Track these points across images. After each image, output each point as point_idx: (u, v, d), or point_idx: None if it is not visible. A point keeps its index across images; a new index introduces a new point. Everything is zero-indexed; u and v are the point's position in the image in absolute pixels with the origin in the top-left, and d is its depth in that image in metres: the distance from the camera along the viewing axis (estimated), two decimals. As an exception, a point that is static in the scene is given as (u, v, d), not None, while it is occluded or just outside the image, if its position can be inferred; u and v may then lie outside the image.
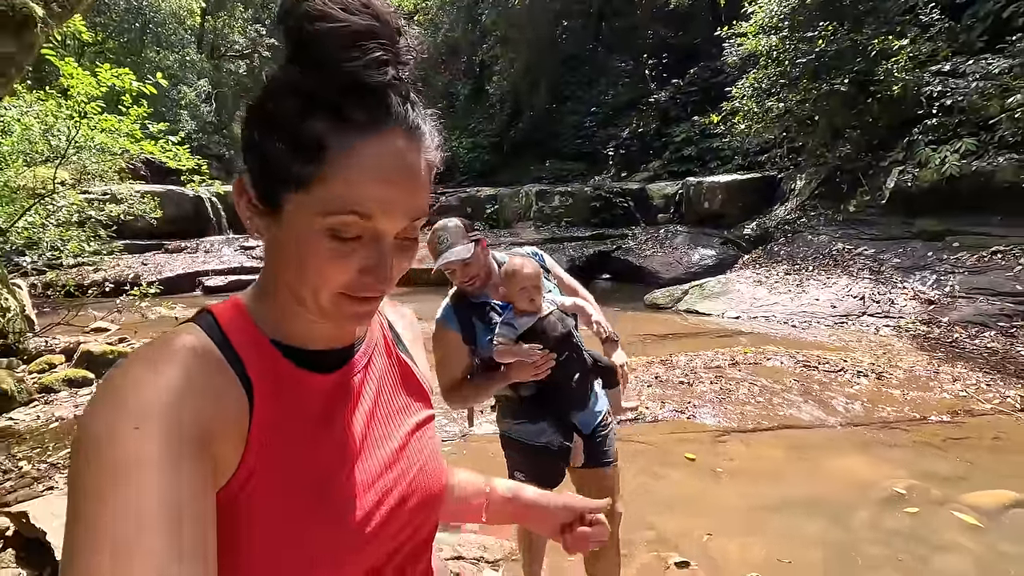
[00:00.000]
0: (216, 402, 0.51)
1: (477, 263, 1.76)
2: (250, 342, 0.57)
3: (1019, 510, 2.85)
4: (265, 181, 0.53)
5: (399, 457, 0.67)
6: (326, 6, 0.48)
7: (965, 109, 7.04)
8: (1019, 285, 5.79)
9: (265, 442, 0.54)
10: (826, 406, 4.16)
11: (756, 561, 2.47)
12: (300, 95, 0.50)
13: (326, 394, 0.61)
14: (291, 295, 0.58)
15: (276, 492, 0.54)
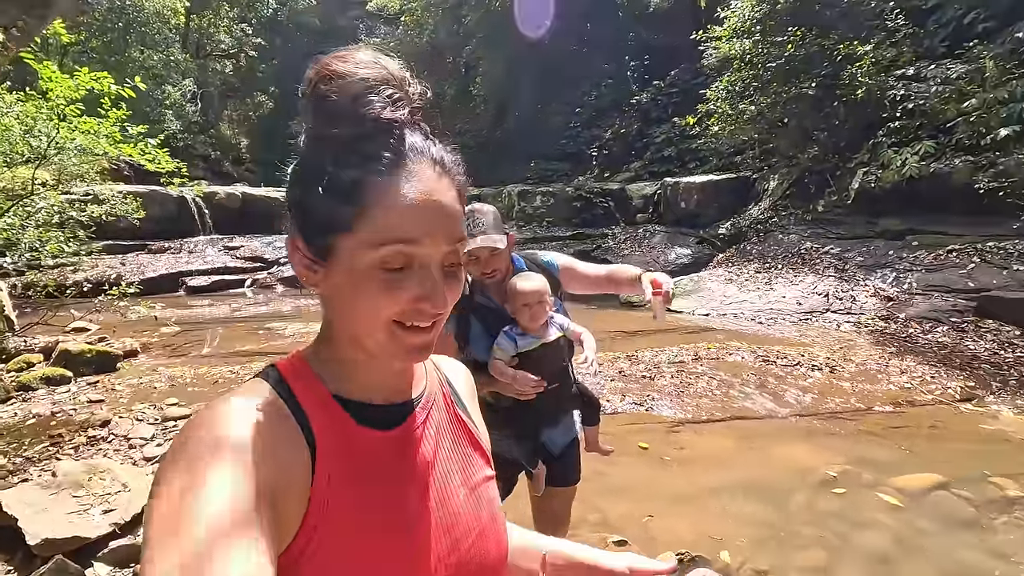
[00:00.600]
0: (282, 461, 0.52)
1: (504, 256, 1.72)
2: (314, 397, 0.59)
3: (941, 492, 3.05)
4: (314, 233, 0.56)
5: (457, 520, 0.66)
6: (340, 66, 0.54)
7: (926, 113, 7.29)
8: (971, 282, 6.04)
9: (326, 501, 0.54)
10: (779, 398, 4.36)
11: (689, 539, 2.65)
12: (331, 147, 0.54)
13: (387, 451, 0.62)
14: (350, 342, 0.60)
15: (336, 557, 0.54)
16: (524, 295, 1.68)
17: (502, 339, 1.70)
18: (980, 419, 3.96)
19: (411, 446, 0.64)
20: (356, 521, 0.56)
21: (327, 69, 0.54)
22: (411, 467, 0.63)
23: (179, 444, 0.50)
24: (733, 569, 2.45)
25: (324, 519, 0.54)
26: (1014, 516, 2.83)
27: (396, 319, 0.56)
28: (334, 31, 25.94)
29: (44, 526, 2.47)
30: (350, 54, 0.55)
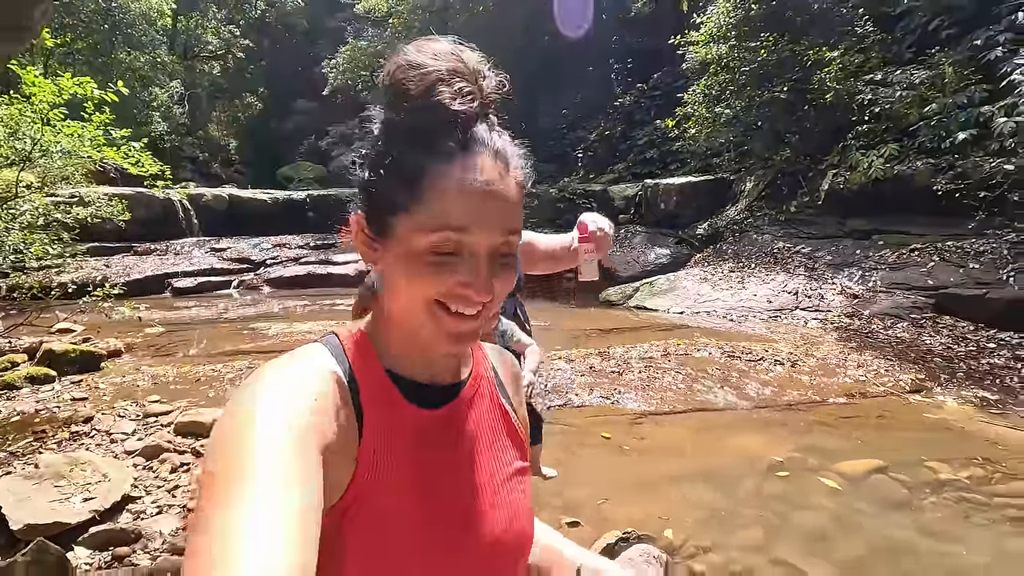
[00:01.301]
0: (334, 424, 0.54)
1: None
2: (367, 369, 0.62)
3: (880, 475, 3.26)
4: (376, 213, 0.60)
5: (494, 503, 0.68)
6: (416, 57, 0.57)
7: (891, 116, 7.55)
8: (931, 280, 6.29)
9: (370, 471, 0.57)
10: (740, 391, 4.56)
11: (639, 520, 2.83)
12: (399, 133, 0.58)
13: (430, 429, 0.64)
14: (400, 319, 0.62)
15: (375, 527, 0.56)
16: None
17: None
18: (926, 409, 4.18)
19: (454, 426, 0.66)
20: (396, 495, 0.58)
21: (404, 59, 0.57)
22: (452, 447, 0.66)
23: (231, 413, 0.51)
24: (676, 546, 2.63)
25: (369, 489, 0.56)
26: (943, 497, 3.04)
27: (439, 299, 0.58)
28: (322, 33, 26.03)
29: (27, 513, 2.61)
30: (428, 44, 0.58)
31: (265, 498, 0.44)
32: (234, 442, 0.48)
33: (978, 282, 5.95)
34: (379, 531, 0.56)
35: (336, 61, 19.96)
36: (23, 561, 2.17)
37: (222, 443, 0.49)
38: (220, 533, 0.43)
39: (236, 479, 0.45)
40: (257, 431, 0.48)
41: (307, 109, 24.61)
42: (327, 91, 20.18)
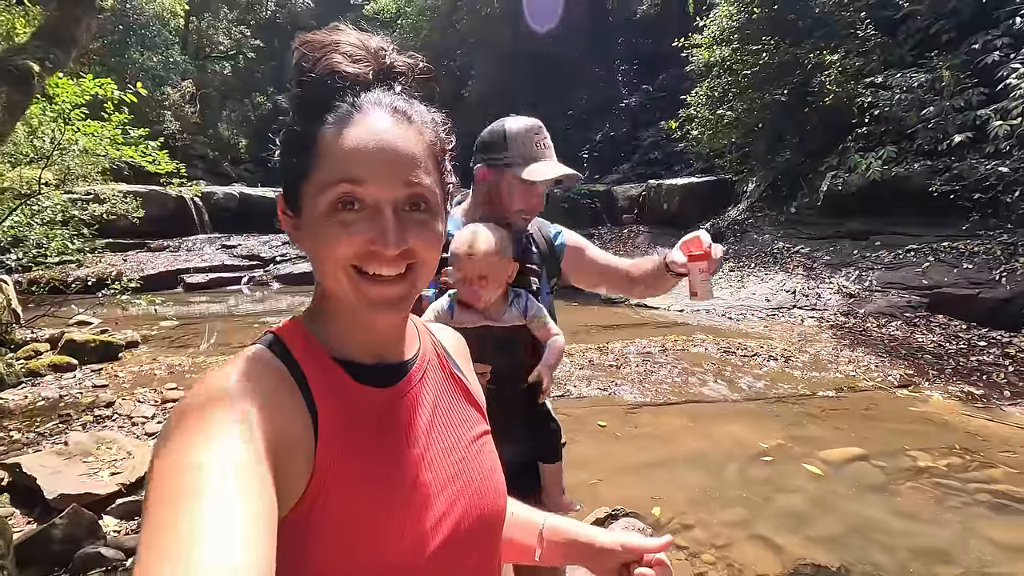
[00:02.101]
0: (285, 423, 0.53)
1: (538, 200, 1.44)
2: (314, 360, 0.60)
3: (860, 463, 3.42)
4: (287, 188, 0.61)
5: (462, 469, 0.67)
6: (314, 35, 0.60)
7: (890, 119, 7.67)
8: (926, 280, 6.41)
9: (331, 461, 0.55)
10: (733, 384, 4.72)
11: (631, 499, 3.00)
12: (300, 104, 0.60)
13: (386, 408, 0.63)
14: (332, 298, 0.62)
15: (345, 515, 0.55)
16: (459, 258, 1.27)
17: (442, 300, 1.34)
18: (912, 403, 4.32)
19: (410, 402, 0.66)
20: (362, 479, 0.57)
21: (303, 39, 0.60)
22: (412, 422, 0.65)
23: (178, 415, 0.50)
24: (662, 523, 2.81)
25: (331, 480, 0.55)
26: (919, 482, 3.20)
27: (354, 263, 0.57)
28: (331, 34, 26.27)
29: (59, 484, 2.82)
30: (325, 29, 0.61)
31: (216, 505, 0.43)
32: (178, 455, 0.46)
33: (971, 282, 6.08)
34: (349, 525, 0.55)
35: (345, 62, 20.19)
36: (61, 523, 2.38)
37: (166, 457, 0.46)
38: (173, 543, 0.41)
39: (184, 491, 0.44)
40: (201, 441, 0.47)
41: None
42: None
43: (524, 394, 1.36)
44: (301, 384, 0.57)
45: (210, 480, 0.45)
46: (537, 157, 1.35)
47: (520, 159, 1.35)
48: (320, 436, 0.55)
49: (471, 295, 1.27)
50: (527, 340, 1.35)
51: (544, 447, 1.43)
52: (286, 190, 0.62)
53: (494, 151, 1.37)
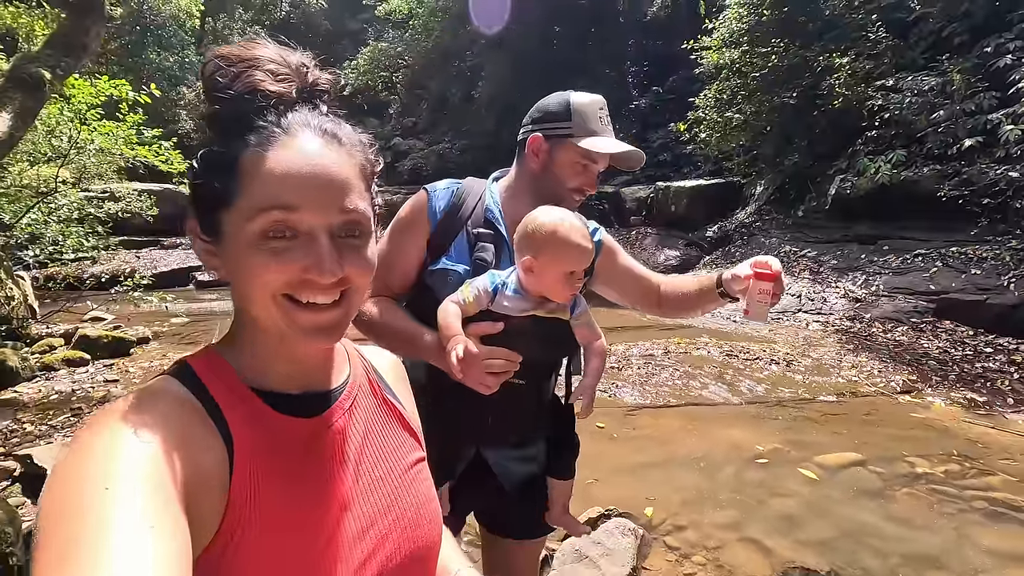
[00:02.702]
0: (194, 457, 0.49)
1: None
2: (230, 391, 0.56)
3: (856, 468, 3.42)
4: (204, 213, 0.57)
5: (395, 500, 0.65)
6: (227, 50, 0.56)
7: (900, 122, 7.61)
8: (933, 285, 6.36)
9: (249, 497, 0.52)
10: (733, 388, 4.73)
11: (625, 499, 3.03)
12: (217, 124, 0.56)
13: (312, 440, 0.60)
14: (257, 326, 0.58)
15: (265, 552, 0.52)
16: (584, 256, 1.10)
17: (483, 280, 1.14)
18: (913, 408, 4.31)
19: (338, 431, 0.63)
20: (284, 514, 0.54)
21: (215, 54, 0.56)
22: (340, 453, 0.62)
23: (78, 447, 0.46)
24: (654, 523, 2.84)
25: (248, 515, 0.52)
26: (915, 488, 3.19)
27: (286, 292, 0.55)
28: (344, 34, 26.54)
29: (69, 475, 2.91)
30: (242, 42, 0.57)
31: (124, 546, 0.39)
32: (78, 496, 0.42)
33: (979, 287, 6.02)
34: (270, 558, 0.52)
35: (357, 62, 20.39)
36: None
37: (64, 498, 0.42)
38: None
39: (86, 536, 0.40)
40: (103, 476, 0.43)
41: (328, 109, 25.09)
42: (347, 91, 20.59)
43: (552, 398, 1.27)
44: (215, 416, 0.54)
45: (117, 518, 0.41)
46: (600, 132, 1.25)
47: (583, 132, 1.24)
48: (235, 471, 0.52)
49: (571, 291, 1.12)
50: (568, 336, 1.20)
51: (562, 460, 1.33)
52: (202, 214, 0.57)
53: (555, 120, 1.26)
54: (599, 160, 1.28)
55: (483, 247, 1.20)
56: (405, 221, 1.26)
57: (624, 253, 1.45)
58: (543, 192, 1.27)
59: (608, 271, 1.40)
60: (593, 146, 1.23)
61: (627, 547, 2.46)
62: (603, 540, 2.44)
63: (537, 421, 1.28)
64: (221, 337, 0.64)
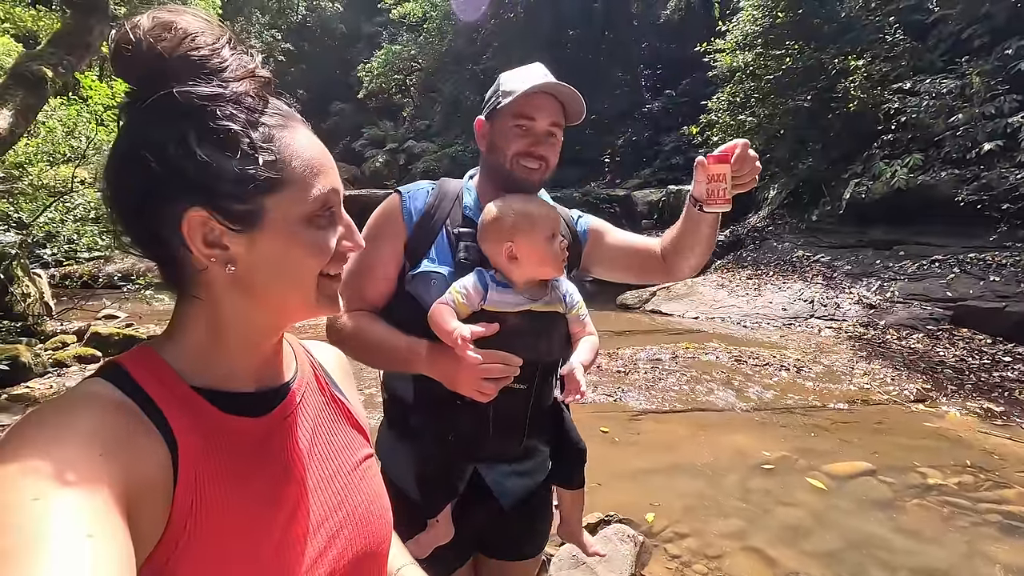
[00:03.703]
0: (132, 462, 0.47)
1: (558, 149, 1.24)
2: (170, 391, 0.54)
3: (866, 477, 3.34)
4: (232, 200, 0.52)
5: (344, 497, 0.64)
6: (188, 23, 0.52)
7: (917, 126, 7.47)
8: (950, 292, 6.23)
9: (194, 502, 0.51)
10: (741, 394, 4.65)
11: (626, 505, 2.99)
12: (233, 107, 0.52)
13: (259, 438, 0.59)
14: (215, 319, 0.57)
15: (210, 558, 0.51)
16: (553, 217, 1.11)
17: (469, 279, 1.10)
18: (926, 418, 4.20)
19: (287, 430, 0.62)
20: (232, 516, 0.53)
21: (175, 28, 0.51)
22: (289, 452, 0.61)
23: (8, 453, 0.43)
24: (656, 531, 2.79)
25: (194, 519, 0.50)
26: (927, 500, 3.11)
27: (325, 270, 0.58)
28: (359, 37, 26.78)
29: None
30: (178, 12, 0.53)
31: (59, 560, 0.37)
32: (9, 509, 0.39)
33: (998, 295, 5.88)
34: (218, 562, 0.51)
35: (371, 65, 20.53)
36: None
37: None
38: None
39: (19, 549, 0.38)
40: (33, 490, 0.40)
41: (342, 111, 25.32)
42: (362, 94, 20.77)
43: (553, 403, 1.18)
44: (155, 419, 0.51)
45: (52, 528, 0.39)
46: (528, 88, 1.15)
47: (512, 94, 1.16)
48: (180, 477, 0.50)
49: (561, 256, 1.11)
50: (562, 330, 1.16)
51: (570, 467, 1.24)
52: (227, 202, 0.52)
53: (490, 100, 1.22)
54: (533, 115, 1.17)
55: (466, 247, 1.15)
56: (379, 226, 1.19)
57: (615, 230, 1.39)
58: (495, 172, 1.22)
59: (602, 252, 1.35)
60: (512, 92, 1.16)
61: (626, 554, 2.41)
62: (601, 546, 2.39)
63: (540, 429, 1.19)
64: (154, 336, 0.60)
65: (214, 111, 0.51)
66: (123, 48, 0.51)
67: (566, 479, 1.26)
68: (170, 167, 0.50)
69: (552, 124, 1.19)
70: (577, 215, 1.37)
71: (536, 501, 1.28)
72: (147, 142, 0.50)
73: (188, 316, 0.58)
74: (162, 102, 0.50)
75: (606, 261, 1.36)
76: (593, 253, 1.35)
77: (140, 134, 0.52)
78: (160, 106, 0.50)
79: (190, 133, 0.51)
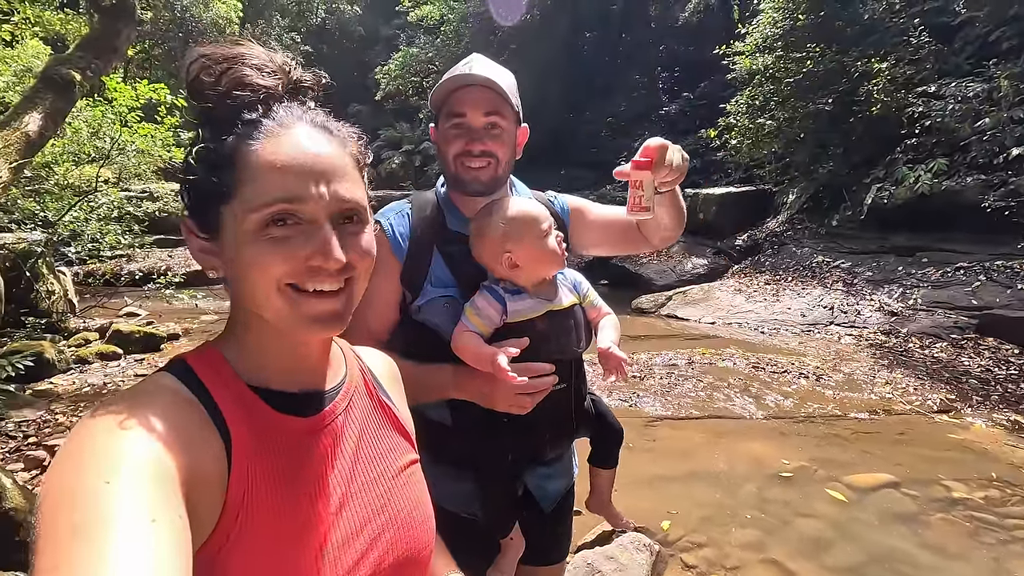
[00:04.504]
0: (193, 454, 0.49)
1: (509, 141, 1.16)
2: (227, 388, 0.56)
3: (888, 490, 3.27)
4: (201, 210, 0.57)
5: (388, 500, 0.65)
6: (213, 49, 0.57)
7: (943, 130, 7.32)
8: (975, 300, 6.08)
9: (245, 495, 0.53)
10: (759, 401, 4.59)
11: (642, 512, 2.95)
12: (209, 120, 0.56)
13: (308, 438, 0.60)
14: (255, 321, 0.58)
15: (260, 549, 0.52)
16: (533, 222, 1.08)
17: (482, 298, 1.07)
18: (951, 429, 4.10)
19: (334, 432, 0.63)
20: (279, 513, 0.54)
21: (199, 52, 0.56)
22: (335, 453, 0.62)
23: (79, 439, 0.46)
24: (671, 539, 2.76)
25: (245, 512, 0.52)
26: (952, 514, 3.03)
27: (291, 281, 0.55)
28: (377, 40, 27.01)
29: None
30: (224, 41, 0.58)
31: (126, 541, 0.40)
32: (81, 487, 0.42)
33: (1026, 304, 5.73)
34: (264, 556, 0.53)
35: (388, 67, 20.67)
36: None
37: (65, 489, 0.42)
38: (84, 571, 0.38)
39: (88, 526, 0.40)
40: (105, 473, 0.43)
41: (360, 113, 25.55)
42: (379, 96, 20.92)
43: (584, 399, 1.20)
44: (214, 415, 0.54)
45: (119, 510, 0.41)
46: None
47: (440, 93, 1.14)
48: (233, 469, 0.53)
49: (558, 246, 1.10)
50: (583, 321, 1.16)
51: (608, 449, 1.30)
52: (199, 212, 0.57)
53: (432, 107, 1.20)
54: (464, 110, 1.11)
55: (463, 263, 1.13)
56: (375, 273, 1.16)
57: (595, 205, 1.38)
58: (448, 177, 1.20)
59: (586, 229, 1.34)
60: (433, 93, 1.13)
61: (641, 563, 2.38)
62: (616, 555, 2.37)
63: (586, 420, 1.22)
64: (218, 335, 0.63)
65: (195, 129, 0.56)
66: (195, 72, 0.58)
67: (605, 460, 1.31)
68: (179, 181, 0.58)
69: (489, 115, 1.11)
70: (552, 195, 1.36)
71: (566, 504, 1.33)
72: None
73: (232, 316, 0.62)
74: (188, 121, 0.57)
75: (591, 238, 1.36)
76: (577, 232, 1.34)
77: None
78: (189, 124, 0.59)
79: (190, 151, 0.57)
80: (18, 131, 3.18)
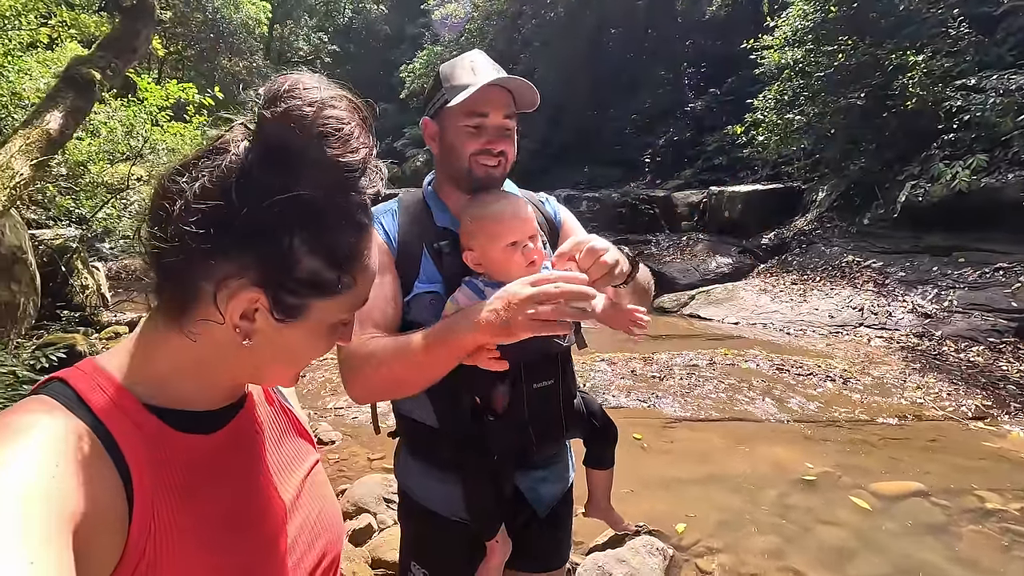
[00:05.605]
0: (84, 490, 0.45)
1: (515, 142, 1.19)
2: (121, 409, 0.52)
3: (916, 499, 3.15)
4: (290, 292, 0.52)
5: (298, 504, 0.66)
6: (341, 126, 0.51)
7: (983, 125, 7.01)
8: (1015, 302, 5.82)
9: (152, 522, 0.49)
10: (782, 404, 4.47)
11: (657, 515, 2.90)
12: (331, 210, 0.52)
13: (214, 455, 0.58)
14: (184, 352, 0.55)
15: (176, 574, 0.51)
16: (509, 222, 1.03)
17: (461, 292, 1.06)
18: (986, 437, 3.93)
19: (242, 444, 0.62)
20: (192, 536, 0.52)
21: (326, 121, 0.50)
22: (245, 465, 0.61)
23: None
24: (686, 544, 2.70)
25: (153, 542, 0.49)
26: (985, 526, 2.90)
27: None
28: (403, 38, 27.21)
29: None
30: (345, 118, 0.51)
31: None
32: None
33: (1070, 307, 5.46)
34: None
35: (413, 65, 20.80)
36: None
37: None
38: None
39: None
40: None
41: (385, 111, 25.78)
42: (404, 94, 21.06)
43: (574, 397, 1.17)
44: (106, 443, 0.49)
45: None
46: (473, 83, 1.09)
47: (457, 91, 1.10)
48: (136, 499, 0.49)
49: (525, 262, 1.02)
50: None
51: (603, 449, 1.25)
52: (285, 291, 0.52)
53: (432, 97, 1.17)
54: (485, 108, 1.10)
55: (450, 259, 1.11)
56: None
57: (577, 225, 1.32)
58: (453, 172, 1.16)
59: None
60: (465, 95, 1.07)
61: (654, 567, 2.34)
62: (628, 558, 2.33)
63: (576, 419, 1.19)
64: (107, 352, 0.57)
65: (327, 221, 0.52)
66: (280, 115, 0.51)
67: (600, 461, 1.27)
68: (259, 239, 0.51)
69: (505, 117, 1.14)
70: (542, 198, 1.33)
71: (564, 509, 1.28)
72: (257, 203, 0.50)
73: (168, 348, 0.56)
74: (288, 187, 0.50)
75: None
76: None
77: (255, 188, 0.50)
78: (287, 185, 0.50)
79: (295, 231, 0.51)
80: (39, 129, 3.28)
